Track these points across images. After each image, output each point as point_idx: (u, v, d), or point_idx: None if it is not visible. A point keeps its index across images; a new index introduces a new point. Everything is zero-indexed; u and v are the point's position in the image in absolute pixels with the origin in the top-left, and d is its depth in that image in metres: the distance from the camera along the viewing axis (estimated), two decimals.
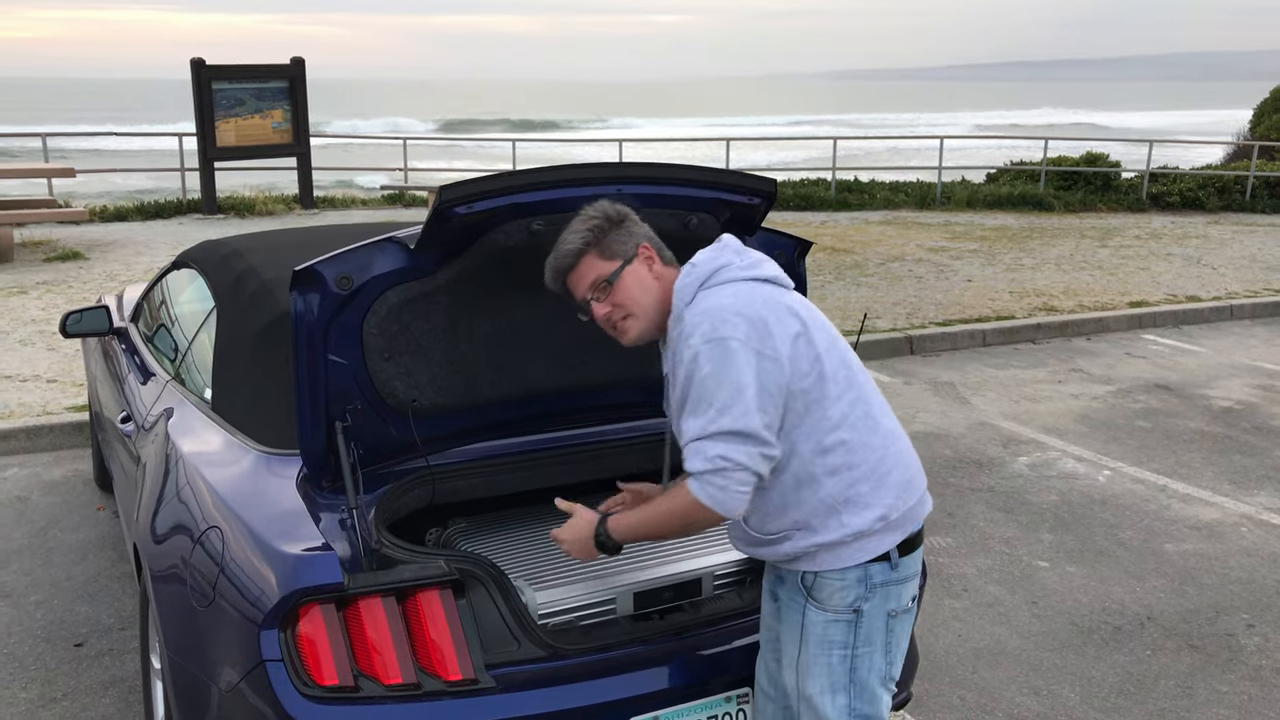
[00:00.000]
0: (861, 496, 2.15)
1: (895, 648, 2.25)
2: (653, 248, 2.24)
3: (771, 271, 2.23)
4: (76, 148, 31.30)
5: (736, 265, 2.19)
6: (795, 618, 2.24)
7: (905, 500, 2.20)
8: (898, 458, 2.22)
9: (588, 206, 2.25)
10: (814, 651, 2.22)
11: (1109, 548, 4.74)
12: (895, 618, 2.23)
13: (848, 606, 2.18)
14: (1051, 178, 17.31)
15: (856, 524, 2.14)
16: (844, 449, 2.14)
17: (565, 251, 2.21)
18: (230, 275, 3.40)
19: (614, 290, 2.20)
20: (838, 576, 2.17)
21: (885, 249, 12.27)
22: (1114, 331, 9.08)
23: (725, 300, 2.11)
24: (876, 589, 2.19)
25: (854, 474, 2.15)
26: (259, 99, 13.56)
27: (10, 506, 4.96)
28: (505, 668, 2.30)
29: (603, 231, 2.20)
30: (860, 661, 2.21)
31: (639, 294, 2.20)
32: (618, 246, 2.20)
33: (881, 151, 37.98)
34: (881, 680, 2.25)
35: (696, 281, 2.17)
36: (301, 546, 2.30)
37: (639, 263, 2.21)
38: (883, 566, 2.18)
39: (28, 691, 3.47)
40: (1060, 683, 3.65)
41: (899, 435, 2.26)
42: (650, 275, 2.22)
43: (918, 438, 6.17)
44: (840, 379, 2.16)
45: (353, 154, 33.28)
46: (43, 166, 12.16)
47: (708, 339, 2.07)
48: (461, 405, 2.69)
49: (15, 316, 8.11)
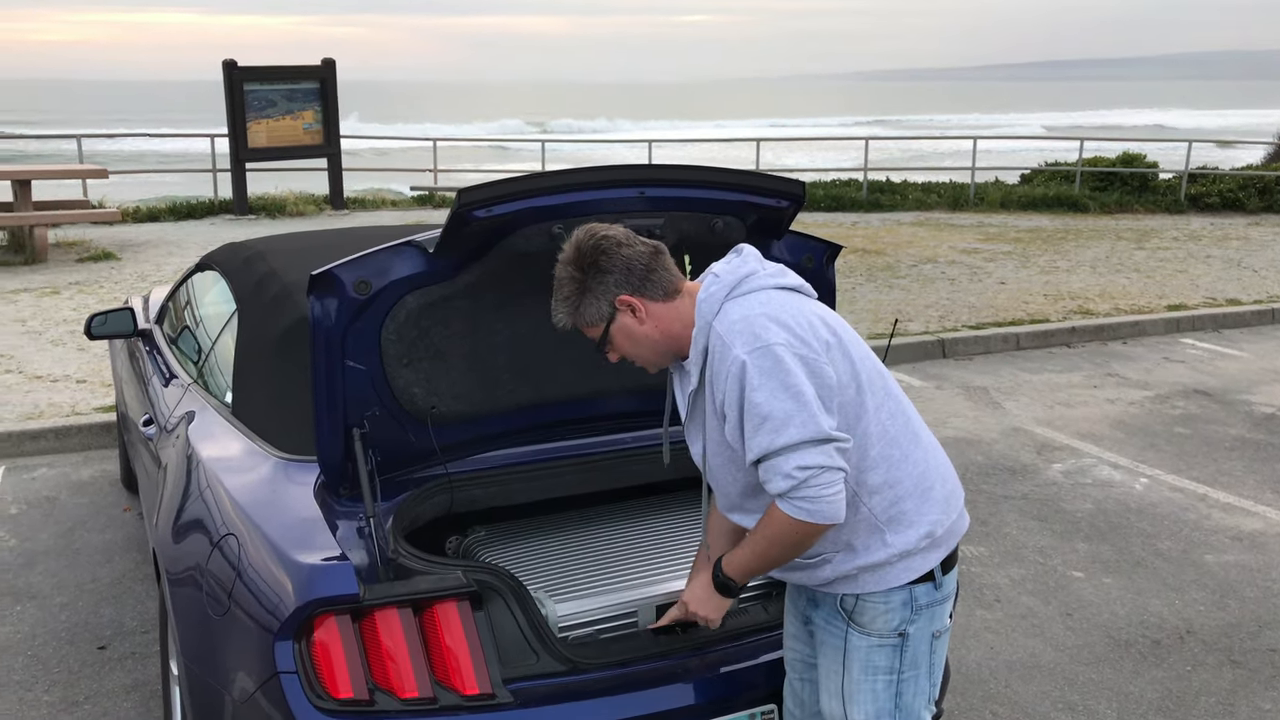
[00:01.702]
0: (906, 514, 2.07)
1: (937, 668, 2.19)
2: (631, 295, 2.06)
3: (796, 282, 2.15)
4: (110, 150, 31.69)
5: (762, 273, 2.11)
6: (836, 643, 2.15)
7: (948, 515, 2.12)
8: (939, 471, 2.14)
9: (561, 252, 2.10)
10: (858, 678, 2.13)
11: (1146, 558, 4.62)
12: (938, 638, 2.15)
13: (893, 630, 2.10)
14: (1087, 179, 17.07)
15: (901, 543, 2.06)
16: (886, 464, 2.06)
17: (555, 322, 2.14)
18: (252, 278, 3.37)
19: (611, 347, 2.14)
20: (881, 599, 2.09)
21: (917, 251, 12.14)
22: (1151, 335, 8.91)
23: (757, 308, 2.02)
24: (922, 611, 2.11)
25: (897, 491, 2.07)
26: (290, 100, 13.63)
27: (39, 507, 4.97)
28: (523, 682, 2.25)
29: (575, 303, 2.09)
30: (906, 686, 2.13)
31: (630, 346, 2.12)
32: (592, 313, 2.09)
33: (911, 154, 37.72)
34: (927, 702, 2.18)
35: (722, 292, 2.07)
36: (317, 556, 2.26)
37: (620, 317, 2.09)
38: (927, 587, 2.10)
39: (50, 695, 3.46)
40: (1096, 698, 3.55)
41: (937, 448, 2.19)
42: (635, 324, 2.09)
43: (949, 443, 6.06)
44: (877, 390, 2.08)
45: (387, 157, 33.43)
46: (77, 168, 12.28)
47: (751, 348, 1.96)
48: (481, 412, 2.64)
49: (48, 317, 8.17)
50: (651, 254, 2.09)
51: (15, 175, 10.73)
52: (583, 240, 2.08)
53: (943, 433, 6.25)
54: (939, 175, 19.17)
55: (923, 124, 76.37)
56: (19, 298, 8.82)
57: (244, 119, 13.25)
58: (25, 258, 10.41)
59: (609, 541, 2.78)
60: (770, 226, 2.67)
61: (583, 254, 2.07)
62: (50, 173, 11.74)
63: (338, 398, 2.43)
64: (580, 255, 2.07)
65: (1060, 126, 61.58)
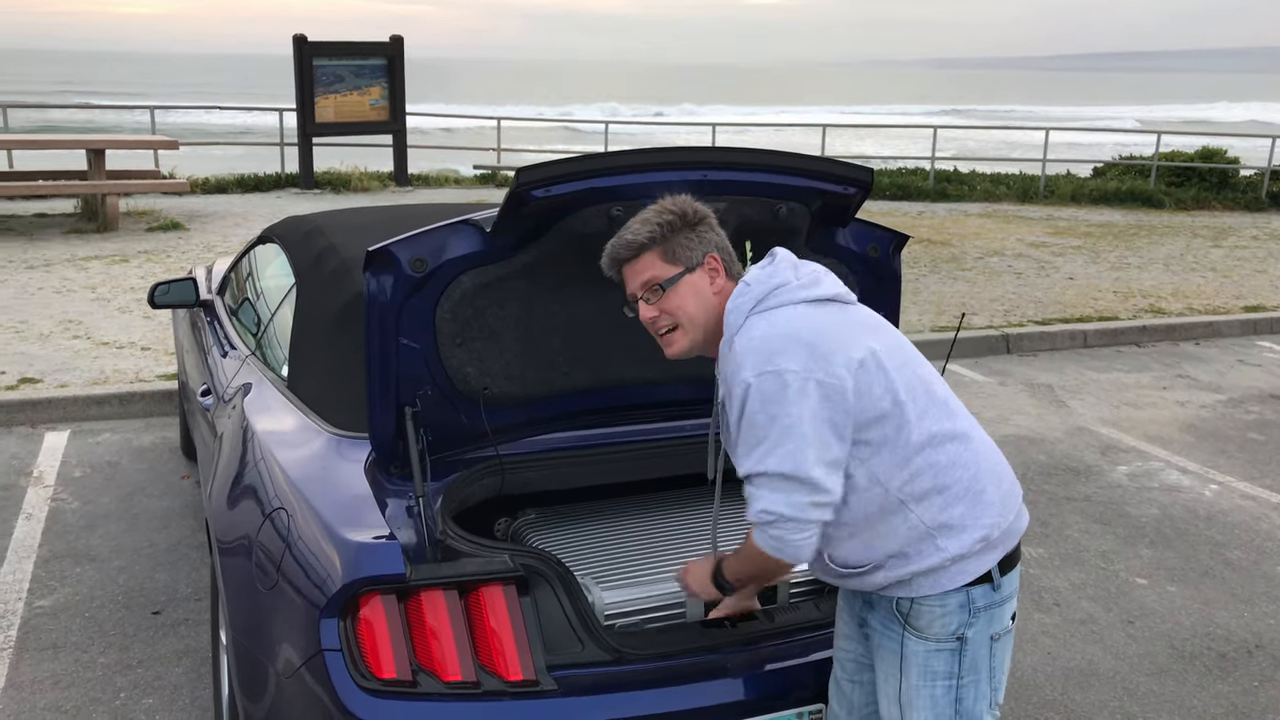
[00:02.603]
0: (957, 519, 2.00)
1: (999, 670, 2.11)
2: (721, 260, 2.09)
3: (832, 289, 2.06)
4: (181, 122, 32.33)
5: (794, 284, 2.02)
6: (893, 647, 2.09)
7: (1005, 516, 2.04)
8: (991, 472, 2.06)
9: (668, 198, 2.09)
10: (916, 684, 2.06)
11: (1214, 567, 4.47)
12: (998, 640, 2.08)
13: (950, 634, 2.03)
14: (1163, 174, 16.59)
15: (954, 548, 1.99)
16: (932, 472, 1.99)
17: (627, 241, 2.07)
18: (311, 252, 3.37)
19: (666, 296, 2.07)
20: (938, 602, 2.02)
21: (984, 243, 11.90)
22: (1226, 337, 8.63)
23: (779, 326, 1.95)
24: (980, 613, 2.03)
25: (946, 497, 2.00)
26: (358, 76, 13.73)
27: (101, 471, 5.06)
28: (568, 670, 2.21)
29: (672, 230, 2.05)
30: (966, 691, 2.06)
31: (693, 306, 2.06)
32: (683, 251, 2.05)
33: (981, 144, 37.02)
34: (989, 706, 2.11)
35: (749, 304, 2.01)
36: (366, 534, 2.25)
37: (702, 272, 2.06)
38: (985, 589, 2.03)
39: (106, 657, 3.52)
40: (1156, 711, 3.44)
41: (990, 448, 2.10)
42: (710, 289, 2.07)
43: (1010, 441, 5.93)
44: (920, 397, 2.00)
45: (452, 135, 33.67)
46: (149, 138, 12.50)
47: (759, 372, 1.92)
48: (534, 395, 2.61)
49: (116, 284, 8.33)
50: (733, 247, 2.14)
51: (90, 144, 10.95)
52: (694, 204, 2.10)
53: (1004, 430, 6.11)
54: (1008, 166, 18.78)
55: (998, 114, 74.84)
56: (90, 265, 9.00)
57: (312, 94, 13.38)
58: (98, 225, 10.63)
59: (659, 530, 2.74)
60: (836, 214, 2.60)
61: (691, 209, 2.08)
62: (123, 142, 11.97)
63: (391, 376, 2.41)
64: (687, 210, 2.08)
65: (1154, 120, 59.51)
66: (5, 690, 3.32)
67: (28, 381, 5.96)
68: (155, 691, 3.33)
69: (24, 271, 8.66)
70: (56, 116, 34.87)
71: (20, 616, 3.73)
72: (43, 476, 4.96)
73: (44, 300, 7.76)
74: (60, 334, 6.92)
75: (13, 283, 8.25)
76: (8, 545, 4.26)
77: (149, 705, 3.27)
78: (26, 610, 3.78)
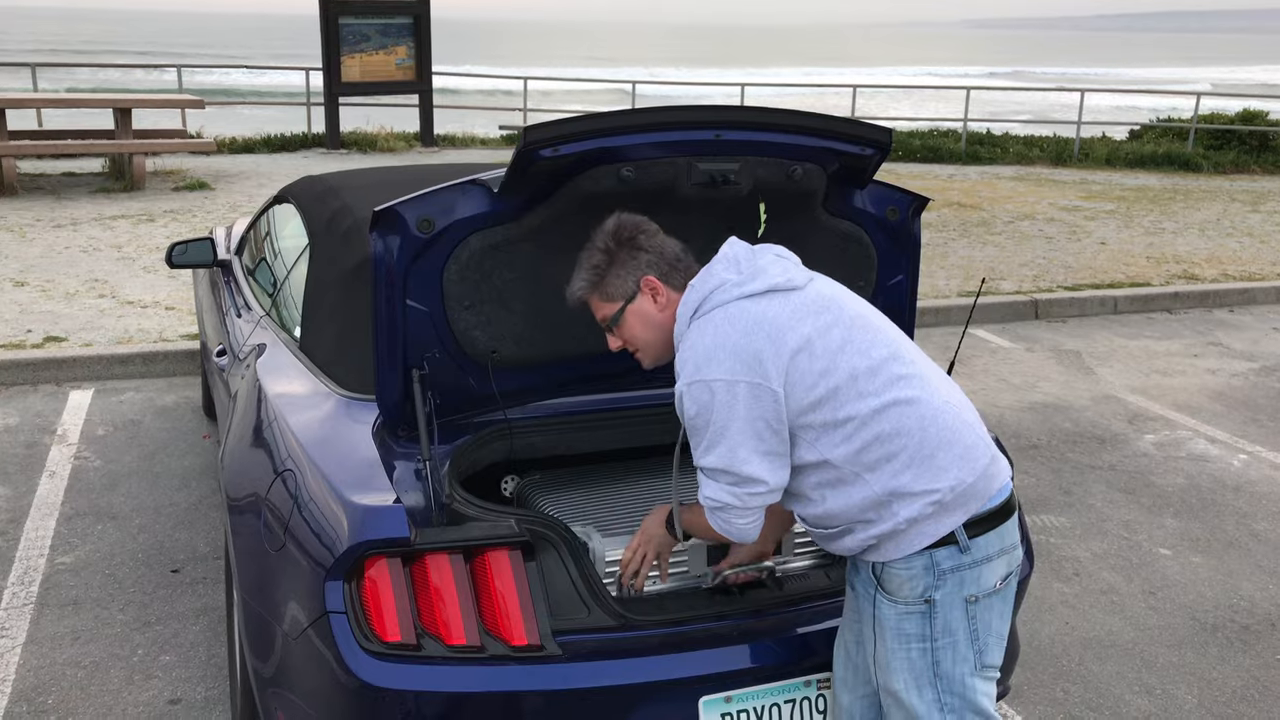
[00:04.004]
0: (907, 485, 2.00)
1: (985, 633, 2.08)
2: (656, 278, 2.16)
3: (772, 280, 2.09)
4: (208, 81, 32.35)
5: (730, 283, 2.09)
6: (869, 610, 2.12)
7: (961, 479, 2.01)
8: (942, 436, 2.02)
9: (594, 234, 2.19)
10: (892, 646, 2.08)
11: (1240, 539, 4.40)
12: (976, 603, 2.05)
13: (918, 597, 2.04)
14: (1201, 136, 16.24)
15: (906, 513, 2.01)
16: (878, 443, 2.01)
17: (573, 294, 2.23)
18: (325, 212, 3.35)
19: (619, 329, 2.22)
20: (903, 566, 2.04)
21: (1015, 206, 11.72)
22: (1261, 304, 8.47)
23: (709, 336, 2.04)
24: (947, 575, 2.03)
25: (895, 464, 2.01)
26: (384, 35, 13.65)
27: (124, 429, 5.10)
28: (573, 635, 2.20)
29: (601, 271, 2.17)
30: (943, 653, 2.06)
31: (641, 332, 2.19)
32: (616, 286, 2.17)
33: (1016, 106, 36.38)
34: (973, 669, 2.08)
35: (689, 311, 2.11)
36: (371, 497, 2.24)
37: (641, 299, 2.17)
38: (951, 550, 2.02)
39: (125, 614, 3.55)
40: (1176, 683, 3.40)
41: (944, 409, 2.05)
42: (654, 309, 2.17)
43: (1036, 408, 5.85)
44: (860, 375, 2.02)
45: (478, 96, 33.52)
46: (175, 97, 12.50)
47: (690, 381, 2.04)
48: (543, 359, 2.58)
49: (142, 243, 8.36)
50: (683, 248, 2.21)
51: (117, 103, 10.96)
52: (623, 221, 2.18)
53: (1030, 397, 6.03)
54: (1042, 129, 18.45)
55: (1037, 75, 73.46)
56: (116, 224, 9.05)
57: (338, 53, 13.32)
58: (124, 184, 10.68)
59: (663, 492, 2.72)
60: (853, 175, 2.54)
61: (621, 229, 2.17)
62: (150, 102, 11.97)
63: (398, 338, 2.39)
64: (619, 230, 2.17)
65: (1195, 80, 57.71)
66: (26, 644, 3.36)
67: (53, 340, 6.01)
68: (173, 648, 3.37)
69: (51, 230, 8.71)
70: (83, 76, 34.99)
71: (42, 573, 3.78)
72: (66, 434, 5.01)
73: (70, 259, 7.81)
74: (86, 293, 6.96)
75: (40, 241, 8.31)
76: (31, 502, 4.31)
77: (166, 662, 3.30)
78: (48, 567, 3.82)
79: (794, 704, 2.31)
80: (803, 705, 2.32)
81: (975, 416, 2.12)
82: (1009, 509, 2.08)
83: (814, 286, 2.12)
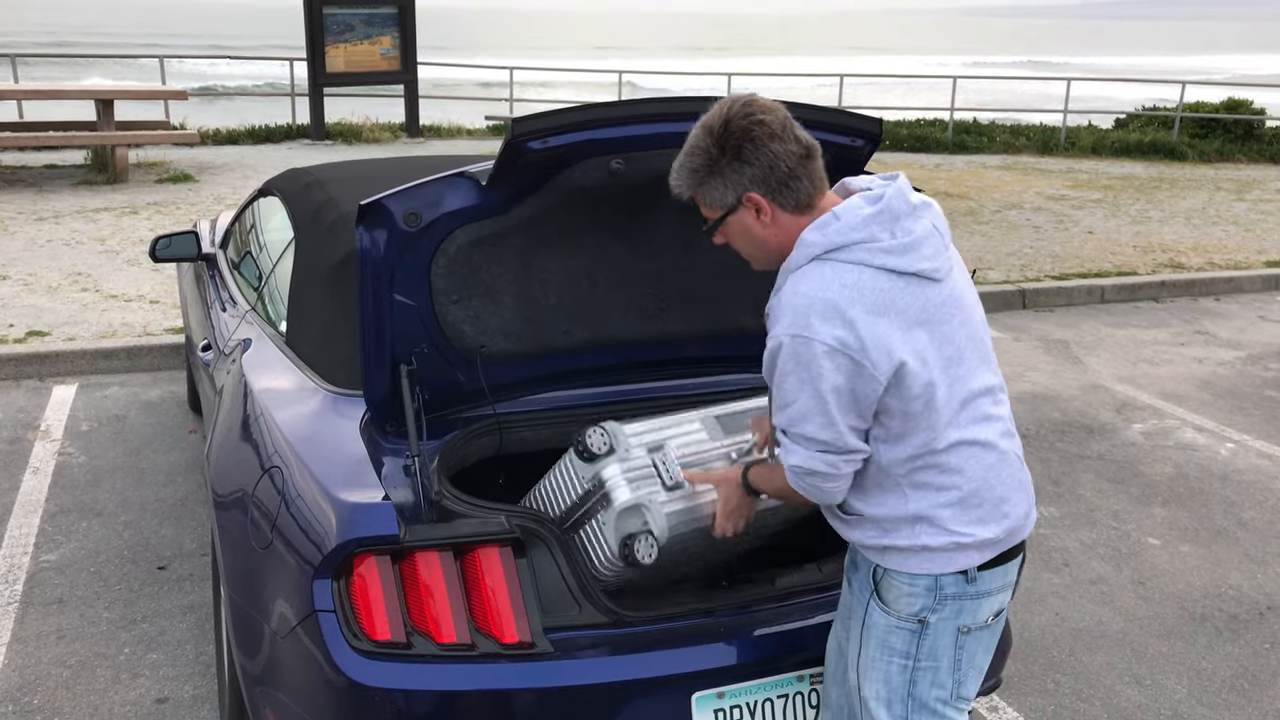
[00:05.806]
0: (943, 520, 1.92)
1: (967, 665, 2.02)
2: (763, 197, 1.87)
3: (921, 263, 1.86)
4: (191, 71, 32.12)
5: (879, 246, 1.84)
6: (860, 613, 2.05)
7: (989, 529, 1.94)
8: (997, 490, 1.95)
9: (701, 124, 1.89)
10: (874, 654, 2.02)
11: (1228, 528, 4.41)
12: (968, 634, 1.99)
13: (912, 615, 1.97)
14: (1187, 125, 16.29)
15: (930, 540, 1.93)
16: (937, 471, 1.91)
17: (673, 188, 1.96)
18: (310, 206, 3.31)
19: (720, 233, 1.97)
20: (906, 580, 1.96)
21: (1002, 195, 11.73)
22: (1247, 293, 8.50)
23: (831, 290, 1.80)
24: (948, 601, 1.96)
25: (942, 496, 1.92)
26: (369, 25, 13.56)
27: (109, 425, 5.06)
28: (564, 632, 2.18)
29: (702, 178, 1.89)
30: (921, 675, 2.00)
31: (744, 245, 1.96)
32: (715, 195, 1.90)
33: (1004, 95, 36.41)
34: (946, 699, 2.03)
35: (821, 246, 1.84)
36: (360, 494, 2.21)
37: (743, 212, 1.90)
38: (957, 579, 1.95)
39: (110, 612, 3.52)
40: (1165, 673, 3.40)
41: (1014, 462, 1.99)
42: (757, 225, 1.90)
43: (1024, 398, 5.86)
44: (956, 403, 1.89)
45: (465, 87, 33.37)
46: (158, 89, 12.39)
47: (794, 333, 1.81)
48: (532, 353, 2.56)
49: (125, 236, 8.29)
50: (801, 157, 1.87)
51: (99, 94, 10.85)
52: (734, 115, 1.85)
53: (1019, 387, 6.04)
54: (1029, 117, 18.47)
55: (1024, 64, 73.49)
56: (99, 216, 8.97)
57: (323, 43, 13.23)
58: (107, 177, 10.58)
59: None
60: (845, 166, 2.51)
61: (730, 132, 1.85)
62: (132, 93, 11.86)
63: (385, 333, 2.37)
64: (726, 133, 1.85)
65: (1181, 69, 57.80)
66: (10, 644, 3.33)
67: (36, 334, 5.95)
68: (159, 646, 3.34)
69: (33, 223, 8.63)
70: (65, 69, 34.68)
71: (26, 571, 3.74)
72: (50, 430, 4.96)
73: (53, 252, 7.73)
74: (69, 286, 6.90)
75: (22, 235, 8.23)
76: (14, 499, 4.26)
77: (153, 660, 3.27)
78: (32, 565, 3.79)
79: (786, 699, 2.30)
80: (795, 700, 2.31)
81: (1026, 470, 2.04)
82: (1020, 548, 2.03)
83: (951, 280, 1.92)
